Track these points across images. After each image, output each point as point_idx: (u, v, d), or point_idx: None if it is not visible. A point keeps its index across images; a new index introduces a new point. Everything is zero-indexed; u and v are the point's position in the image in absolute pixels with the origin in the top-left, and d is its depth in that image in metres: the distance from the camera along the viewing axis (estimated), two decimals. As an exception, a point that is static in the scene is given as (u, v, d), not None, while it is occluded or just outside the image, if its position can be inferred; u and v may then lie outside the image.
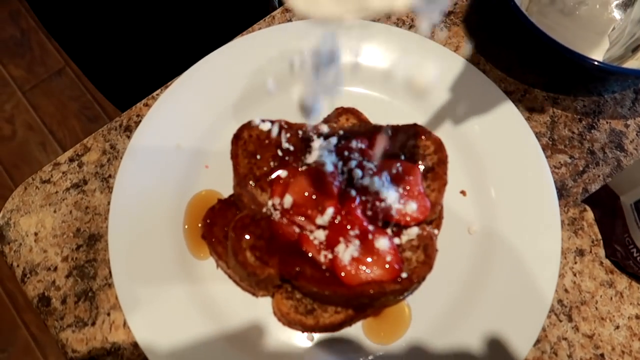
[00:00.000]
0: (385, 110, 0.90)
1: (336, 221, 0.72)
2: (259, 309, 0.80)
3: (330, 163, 0.74)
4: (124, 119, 0.92)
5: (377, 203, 0.74)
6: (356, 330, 0.79)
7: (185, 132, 0.88)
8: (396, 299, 0.76)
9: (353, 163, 0.75)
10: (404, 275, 0.72)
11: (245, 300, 0.81)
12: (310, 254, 0.72)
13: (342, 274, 0.71)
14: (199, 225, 0.81)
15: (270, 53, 0.93)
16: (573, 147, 0.91)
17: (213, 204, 0.81)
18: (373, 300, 0.73)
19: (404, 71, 0.94)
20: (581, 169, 0.90)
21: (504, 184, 0.85)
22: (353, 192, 0.73)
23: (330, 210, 0.72)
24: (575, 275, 0.81)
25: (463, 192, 0.87)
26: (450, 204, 0.84)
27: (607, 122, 0.93)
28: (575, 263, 0.81)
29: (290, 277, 0.72)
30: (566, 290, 0.80)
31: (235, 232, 0.74)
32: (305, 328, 0.75)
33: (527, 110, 0.93)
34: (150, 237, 0.81)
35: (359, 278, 0.71)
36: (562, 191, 0.87)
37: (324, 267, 0.72)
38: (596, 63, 0.80)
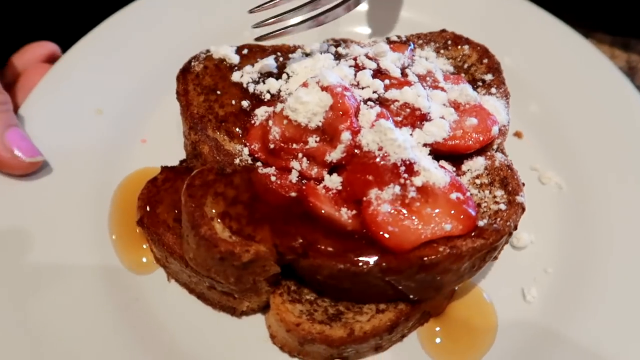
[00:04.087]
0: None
1: (357, 152, 0.44)
2: (245, 338, 0.48)
3: (333, 76, 0.47)
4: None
5: (417, 121, 0.47)
6: (411, 345, 0.48)
7: (106, 94, 0.60)
8: (474, 272, 0.46)
9: (367, 73, 0.49)
10: (480, 223, 0.44)
11: (222, 327, 0.48)
12: (323, 212, 0.43)
13: (383, 232, 0.41)
14: (136, 211, 0.50)
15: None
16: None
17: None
18: (438, 276, 0.43)
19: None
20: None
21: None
22: (377, 108, 0.46)
23: (346, 135, 0.44)
24: None
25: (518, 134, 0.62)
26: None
27: None
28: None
29: (294, 254, 0.42)
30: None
31: (191, 194, 0.44)
32: (332, 345, 0.43)
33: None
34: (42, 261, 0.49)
35: (412, 236, 0.41)
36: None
37: (349, 228, 0.43)
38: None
